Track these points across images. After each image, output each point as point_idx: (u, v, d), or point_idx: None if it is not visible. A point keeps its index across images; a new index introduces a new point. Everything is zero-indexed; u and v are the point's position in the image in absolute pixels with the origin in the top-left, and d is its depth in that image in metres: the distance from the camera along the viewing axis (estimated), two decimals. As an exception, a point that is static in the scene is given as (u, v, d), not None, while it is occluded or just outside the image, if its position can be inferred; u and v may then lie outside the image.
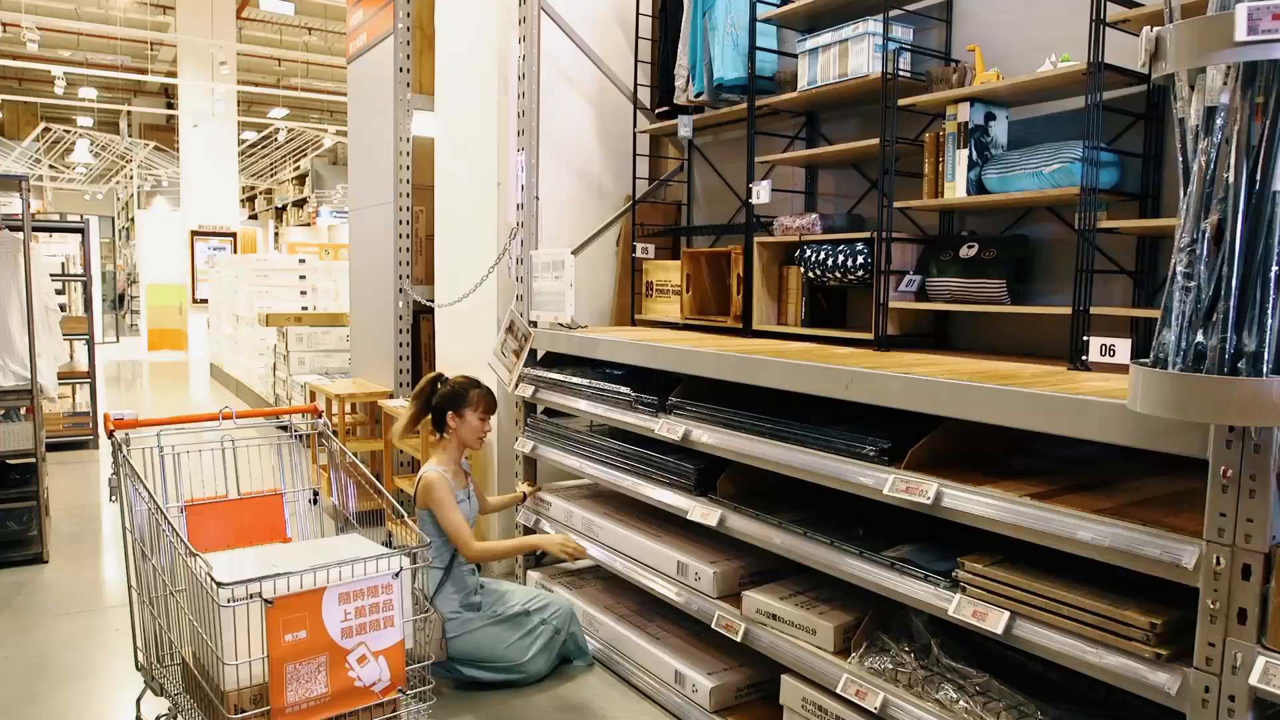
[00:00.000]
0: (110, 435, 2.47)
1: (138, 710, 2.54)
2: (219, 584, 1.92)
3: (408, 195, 5.50)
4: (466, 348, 4.63)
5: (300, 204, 19.39)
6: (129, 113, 18.86)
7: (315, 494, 2.88)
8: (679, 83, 4.03)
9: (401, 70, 5.41)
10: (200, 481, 2.66)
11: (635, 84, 4.39)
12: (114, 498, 2.40)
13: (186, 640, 2.28)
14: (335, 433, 3.23)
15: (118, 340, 17.47)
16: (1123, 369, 2.23)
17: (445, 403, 3.36)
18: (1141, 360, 1.61)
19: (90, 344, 7.41)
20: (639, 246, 4.30)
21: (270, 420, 3.05)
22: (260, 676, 1.99)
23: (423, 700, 2.22)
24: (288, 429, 2.97)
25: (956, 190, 2.83)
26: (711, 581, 2.99)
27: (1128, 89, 2.58)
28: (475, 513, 3.48)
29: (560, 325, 3.89)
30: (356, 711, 2.08)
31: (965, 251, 2.90)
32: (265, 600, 1.94)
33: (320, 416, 2.99)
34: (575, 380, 3.68)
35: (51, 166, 19.02)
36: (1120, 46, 2.40)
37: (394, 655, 2.12)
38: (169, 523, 2.21)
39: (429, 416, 3.44)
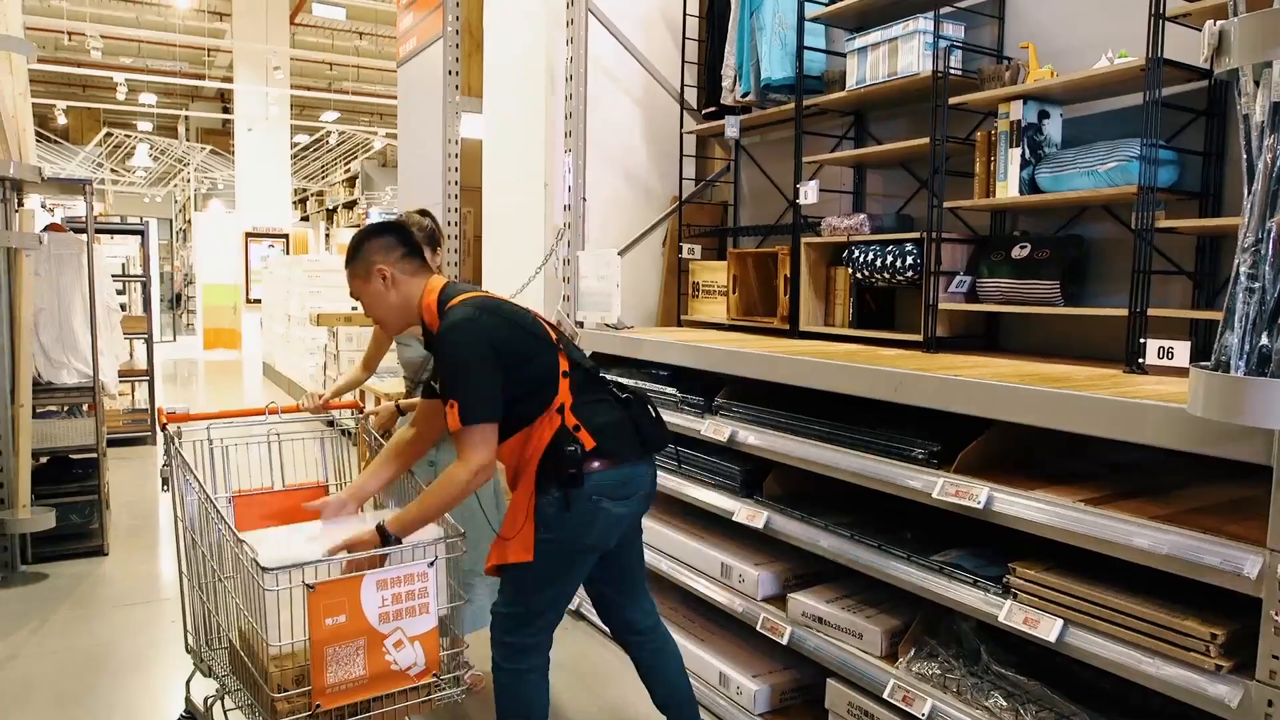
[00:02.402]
0: (163, 428, 2.56)
1: (187, 691, 2.63)
2: (264, 569, 1.98)
3: (456, 197, 5.56)
4: (513, 348, 4.66)
5: (350, 206, 19.67)
6: (186, 117, 19.33)
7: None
8: (726, 83, 4.02)
9: (450, 73, 5.48)
10: (248, 474, 2.75)
11: (682, 84, 4.38)
12: (166, 487, 2.48)
13: (234, 624, 2.34)
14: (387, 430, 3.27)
15: (175, 339, 17.90)
16: (1181, 372, 2.17)
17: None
18: (1202, 363, 1.57)
19: (149, 343, 7.61)
20: (685, 247, 4.29)
21: (319, 416, 3.12)
22: (302, 658, 2.05)
23: (457, 685, 2.26)
24: (333, 424, 3.04)
25: (1009, 190, 2.79)
26: (756, 583, 2.97)
27: (1187, 85, 2.52)
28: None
29: (606, 326, 3.91)
30: (393, 694, 2.14)
31: (1017, 252, 2.86)
32: (307, 585, 2.00)
33: (362, 412, 3.05)
34: (621, 381, 3.68)
35: (113, 170, 19.57)
36: (1180, 41, 2.34)
37: (429, 641, 2.18)
38: (217, 511, 2.29)
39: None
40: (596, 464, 2.27)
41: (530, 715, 2.36)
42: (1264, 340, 1.46)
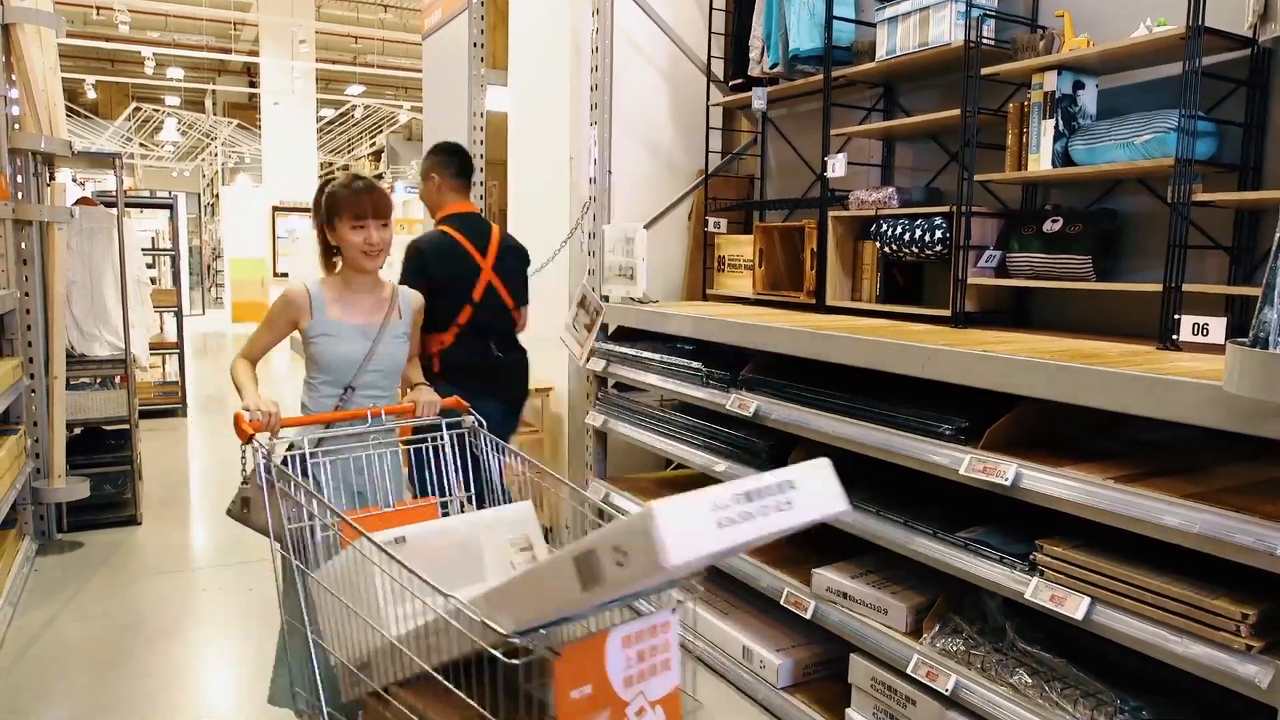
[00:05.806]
0: (247, 442, 2.05)
1: None
2: (505, 636, 1.50)
3: (481, 170, 5.54)
4: (539, 321, 4.66)
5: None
6: (214, 91, 19.43)
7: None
8: (753, 54, 3.97)
9: (475, 45, 5.45)
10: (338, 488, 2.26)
11: (709, 56, 4.34)
12: (246, 509, 2.07)
13: (392, 672, 1.79)
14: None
15: (203, 312, 18.10)
16: (1217, 349, 2.14)
17: (321, 219, 2.53)
18: (1239, 340, 1.54)
19: (178, 316, 7.69)
20: (711, 221, 4.27)
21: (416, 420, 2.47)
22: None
23: None
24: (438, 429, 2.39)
25: (1041, 162, 2.74)
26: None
27: (1228, 54, 2.46)
28: (377, 355, 2.52)
29: (632, 299, 3.90)
30: None
31: (1049, 226, 2.81)
32: (553, 651, 1.51)
33: (469, 412, 2.40)
34: (647, 355, 3.68)
35: (142, 145, 19.73)
36: (1220, 8, 2.28)
37: (670, 704, 1.74)
38: (382, 550, 1.72)
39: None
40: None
41: None
42: (1304, 316, 1.43)
